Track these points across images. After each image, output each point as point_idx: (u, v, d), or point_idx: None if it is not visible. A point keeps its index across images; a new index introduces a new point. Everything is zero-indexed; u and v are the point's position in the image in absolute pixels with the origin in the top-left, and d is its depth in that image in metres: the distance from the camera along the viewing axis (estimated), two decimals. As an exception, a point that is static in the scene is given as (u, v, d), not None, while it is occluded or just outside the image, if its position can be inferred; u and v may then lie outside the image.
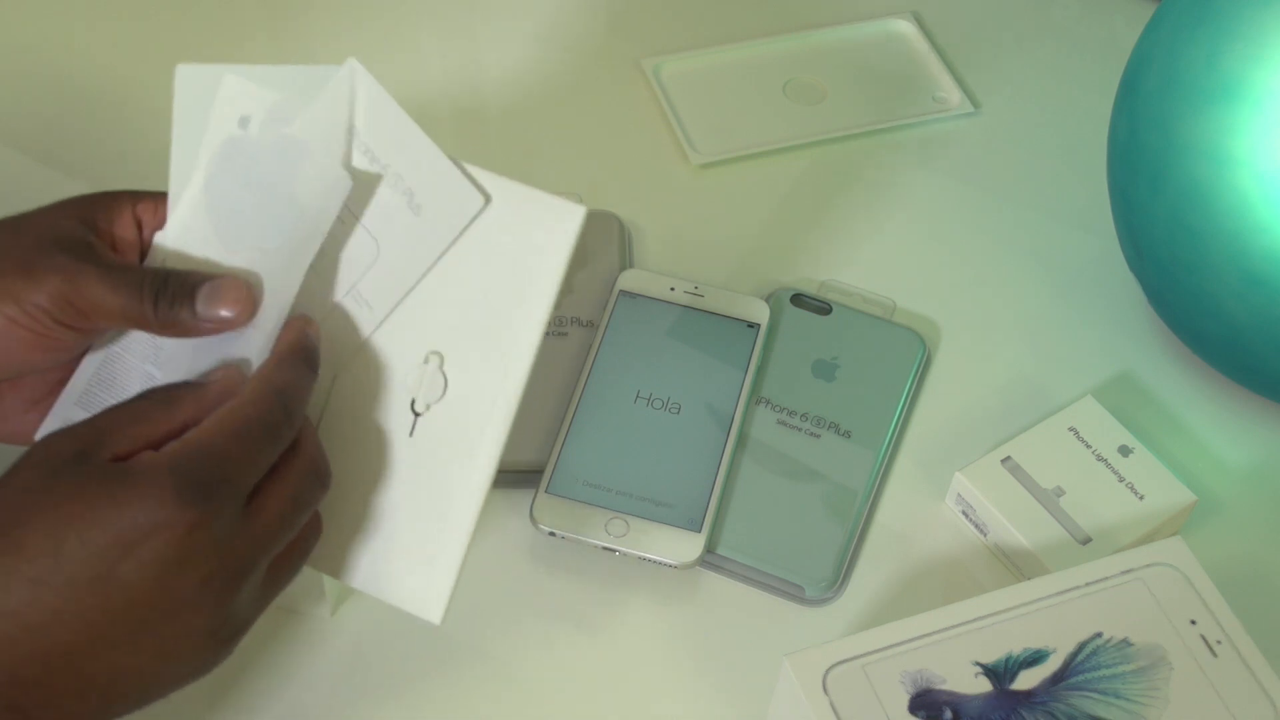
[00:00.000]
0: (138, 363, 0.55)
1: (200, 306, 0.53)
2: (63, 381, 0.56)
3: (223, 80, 0.54)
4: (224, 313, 0.53)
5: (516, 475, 0.66)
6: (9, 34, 0.86)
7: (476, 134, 0.82)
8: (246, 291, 0.53)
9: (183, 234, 0.55)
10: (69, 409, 0.55)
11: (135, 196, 0.56)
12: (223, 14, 0.87)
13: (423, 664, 0.61)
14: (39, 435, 0.55)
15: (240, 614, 0.50)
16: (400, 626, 0.62)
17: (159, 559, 0.47)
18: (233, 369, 0.52)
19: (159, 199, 0.56)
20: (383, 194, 0.53)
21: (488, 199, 0.52)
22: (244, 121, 0.54)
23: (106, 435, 0.49)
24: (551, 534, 0.63)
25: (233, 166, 0.54)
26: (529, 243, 0.52)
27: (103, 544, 0.46)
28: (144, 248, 0.56)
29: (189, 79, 0.54)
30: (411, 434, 0.54)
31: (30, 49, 0.85)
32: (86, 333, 0.54)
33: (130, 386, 0.55)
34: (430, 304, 0.54)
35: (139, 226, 0.56)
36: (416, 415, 0.54)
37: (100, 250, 0.54)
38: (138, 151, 0.79)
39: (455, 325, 0.53)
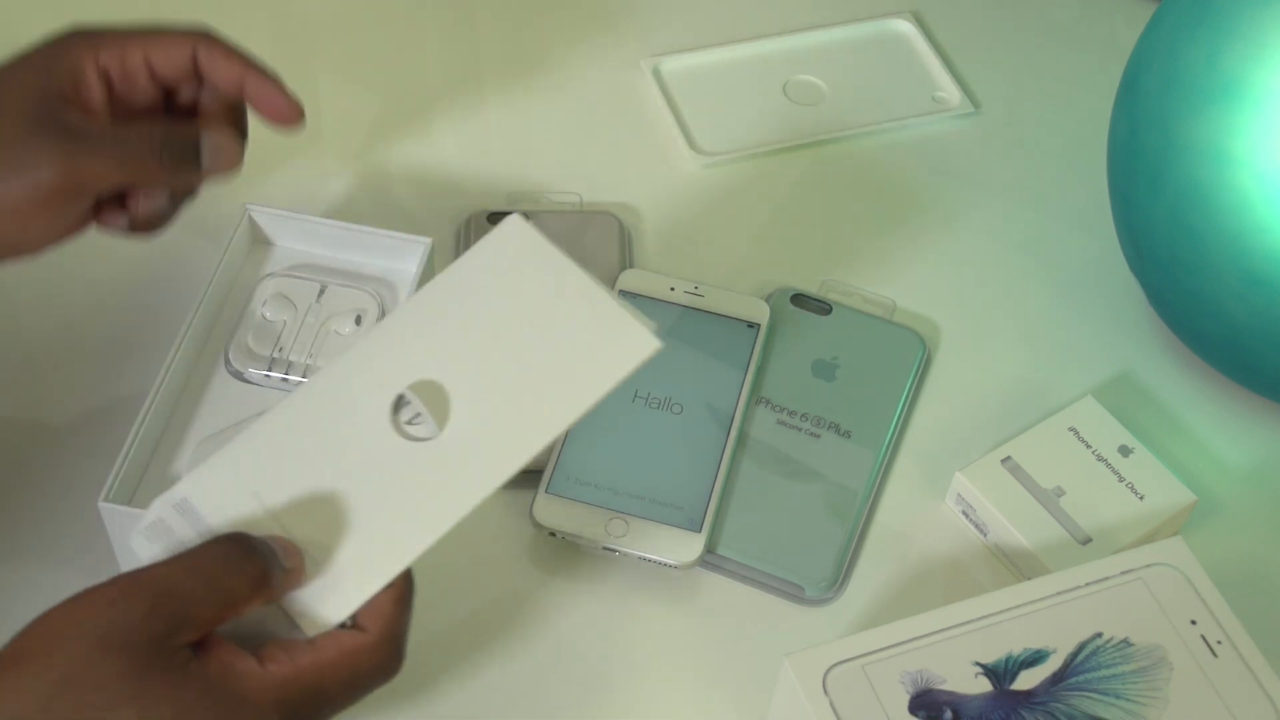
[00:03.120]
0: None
1: (205, 162, 0.57)
2: (86, 211, 0.57)
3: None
4: (224, 166, 0.58)
5: (516, 475, 0.66)
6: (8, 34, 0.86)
7: (477, 133, 0.82)
8: (238, 149, 0.58)
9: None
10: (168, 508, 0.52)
11: (93, 46, 0.55)
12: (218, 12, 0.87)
13: (422, 664, 0.61)
14: (134, 541, 0.51)
15: None
16: (400, 626, 0.62)
17: None
18: (300, 555, 0.50)
19: (121, 42, 0.56)
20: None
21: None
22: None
23: (191, 611, 0.45)
24: (551, 534, 0.63)
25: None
26: (595, 347, 0.53)
27: None
28: (114, 96, 0.57)
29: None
30: (394, 451, 0.52)
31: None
32: (90, 201, 0.56)
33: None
34: (477, 351, 0.53)
35: (106, 79, 0.55)
36: (406, 434, 0.53)
37: (80, 123, 0.54)
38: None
39: (488, 376, 0.53)
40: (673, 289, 0.72)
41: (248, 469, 0.52)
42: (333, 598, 0.50)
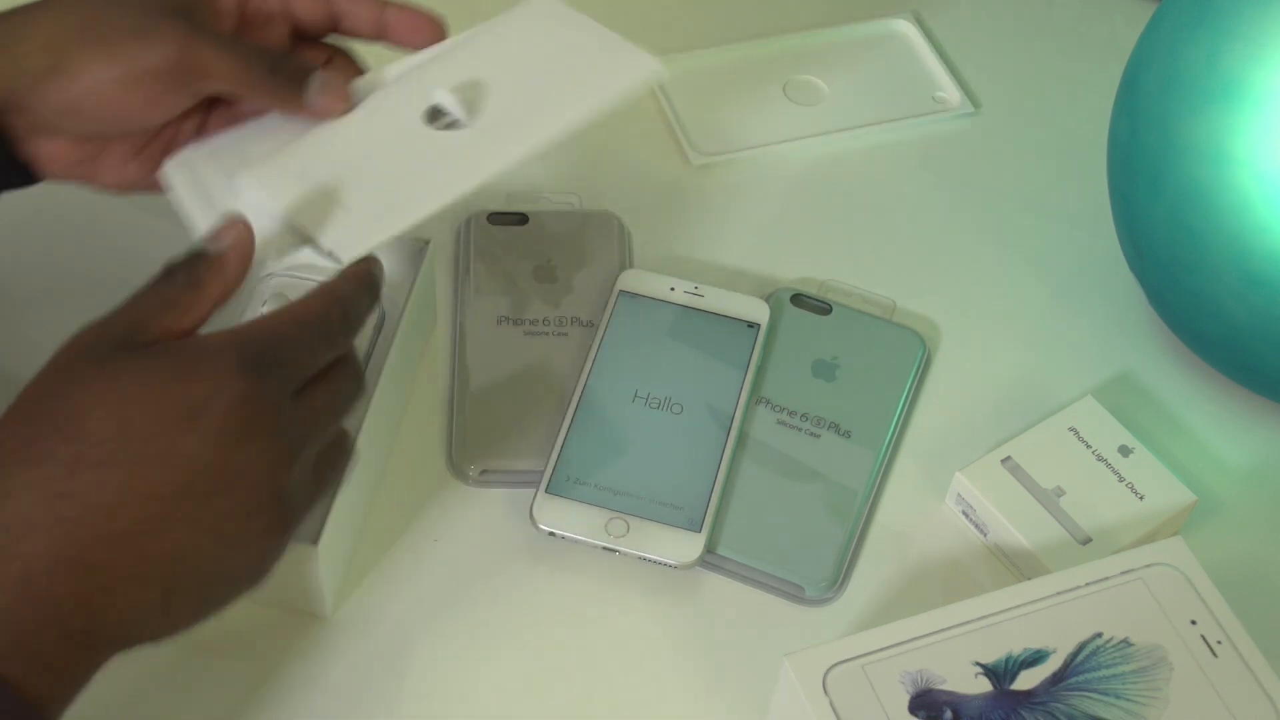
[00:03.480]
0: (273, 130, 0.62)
1: (311, 94, 0.59)
2: (164, 134, 0.61)
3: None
4: (327, 105, 0.60)
5: (516, 475, 0.66)
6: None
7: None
8: (346, 94, 0.61)
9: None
10: (200, 153, 0.62)
11: None
12: None
13: (422, 664, 0.61)
14: (165, 171, 0.61)
15: (291, 501, 0.50)
16: (399, 627, 0.62)
17: (220, 429, 0.47)
18: (239, 225, 0.53)
19: None
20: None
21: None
22: None
23: (143, 323, 0.50)
24: (551, 534, 0.63)
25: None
26: (607, 67, 0.63)
27: (168, 418, 0.47)
28: (245, 13, 0.62)
29: None
30: (425, 130, 0.61)
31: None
32: (195, 95, 0.59)
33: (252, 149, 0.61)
34: (502, 70, 0.63)
35: None
36: (440, 120, 0.62)
37: (207, 19, 0.59)
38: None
39: (510, 86, 0.63)
40: (673, 289, 0.72)
41: (285, 154, 0.61)
42: (358, 233, 0.58)
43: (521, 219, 0.76)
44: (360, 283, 0.55)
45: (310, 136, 0.61)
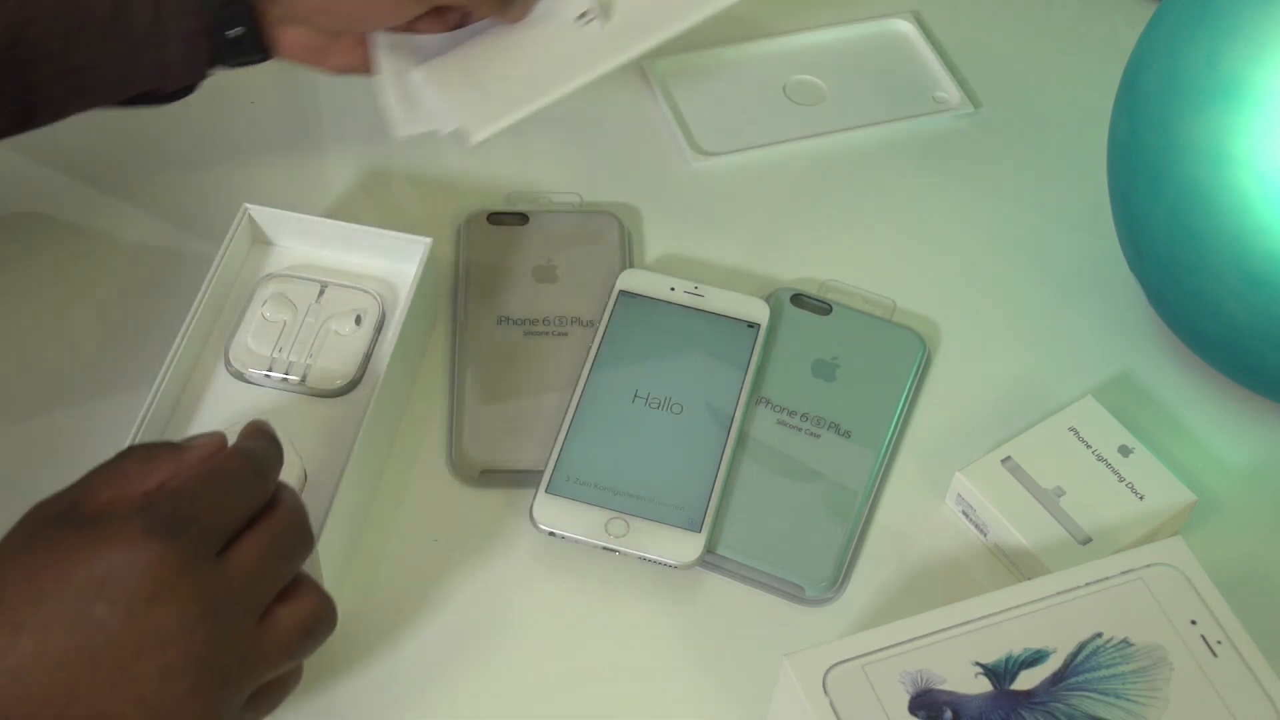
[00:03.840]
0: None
1: (514, 6, 0.70)
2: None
3: None
4: (518, 14, 0.70)
5: (516, 475, 0.66)
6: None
7: (476, 134, 0.82)
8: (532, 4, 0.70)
9: None
10: (406, 45, 0.71)
11: None
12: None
13: (422, 664, 0.61)
14: (376, 54, 0.70)
15: (221, 659, 0.49)
16: (399, 627, 0.62)
17: (130, 595, 0.47)
18: (217, 435, 0.54)
19: None
20: None
21: None
22: None
23: (86, 496, 0.50)
24: (551, 534, 0.63)
25: None
26: None
27: (77, 585, 0.47)
28: None
29: None
30: (571, 27, 0.69)
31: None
32: (429, 3, 0.67)
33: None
34: None
35: None
36: (584, 18, 0.69)
37: None
38: (138, 148, 0.79)
39: None
40: (673, 289, 0.72)
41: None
42: (490, 114, 0.68)
43: (522, 219, 0.76)
44: (265, 438, 0.54)
45: (483, 38, 0.70)
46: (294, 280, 0.70)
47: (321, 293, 0.70)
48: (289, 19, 0.68)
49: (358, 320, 0.69)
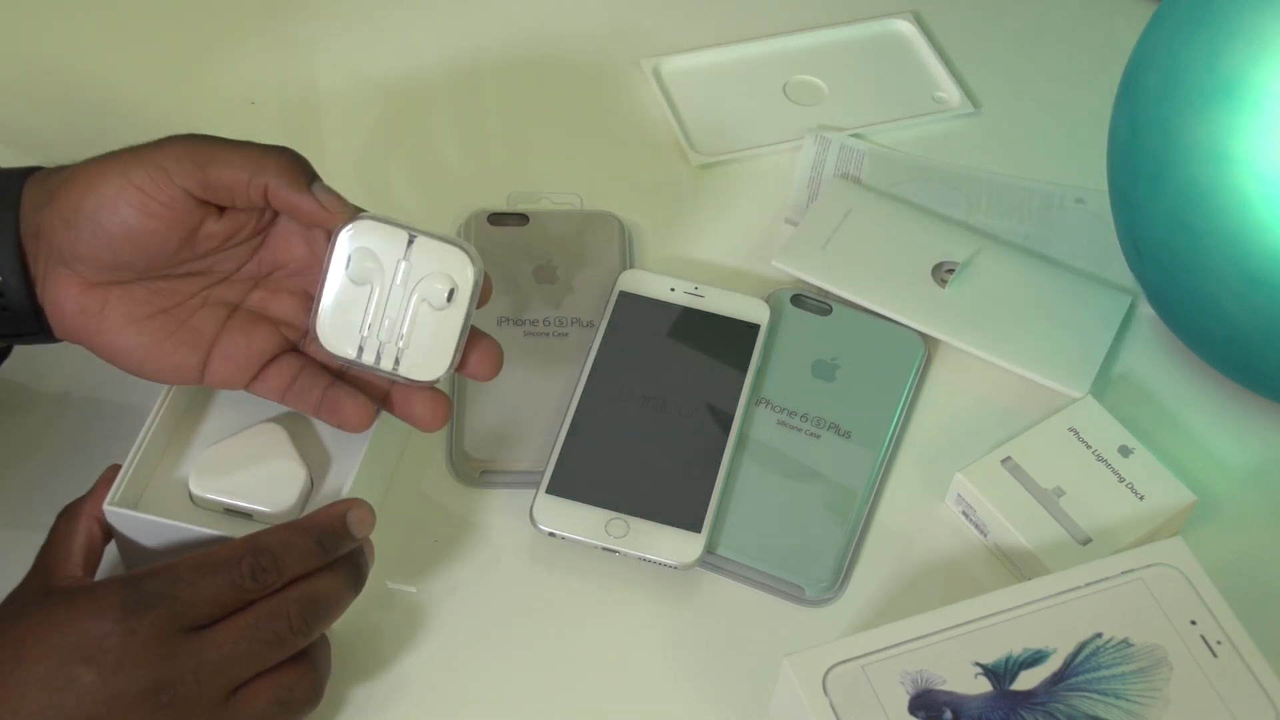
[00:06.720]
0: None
1: (318, 193, 0.58)
2: (164, 310, 0.58)
3: None
4: (332, 211, 0.58)
5: (516, 475, 0.66)
6: (8, 35, 0.86)
7: (477, 133, 0.82)
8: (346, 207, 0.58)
9: None
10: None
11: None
12: (219, 10, 0.87)
13: (422, 663, 0.61)
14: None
15: None
16: (398, 626, 0.62)
17: (102, 662, 0.50)
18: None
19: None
20: None
21: None
22: None
23: (51, 572, 0.56)
24: (551, 534, 0.63)
25: None
26: None
27: (58, 648, 0.51)
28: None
29: None
30: None
31: (30, 51, 0.85)
32: (205, 207, 0.57)
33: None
34: None
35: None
36: None
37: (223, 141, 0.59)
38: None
39: None
40: (673, 289, 0.72)
41: None
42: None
43: (522, 219, 0.76)
44: (294, 533, 0.55)
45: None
46: (381, 228, 0.59)
47: (410, 244, 0.59)
48: (58, 259, 0.58)
49: (449, 296, 0.58)
